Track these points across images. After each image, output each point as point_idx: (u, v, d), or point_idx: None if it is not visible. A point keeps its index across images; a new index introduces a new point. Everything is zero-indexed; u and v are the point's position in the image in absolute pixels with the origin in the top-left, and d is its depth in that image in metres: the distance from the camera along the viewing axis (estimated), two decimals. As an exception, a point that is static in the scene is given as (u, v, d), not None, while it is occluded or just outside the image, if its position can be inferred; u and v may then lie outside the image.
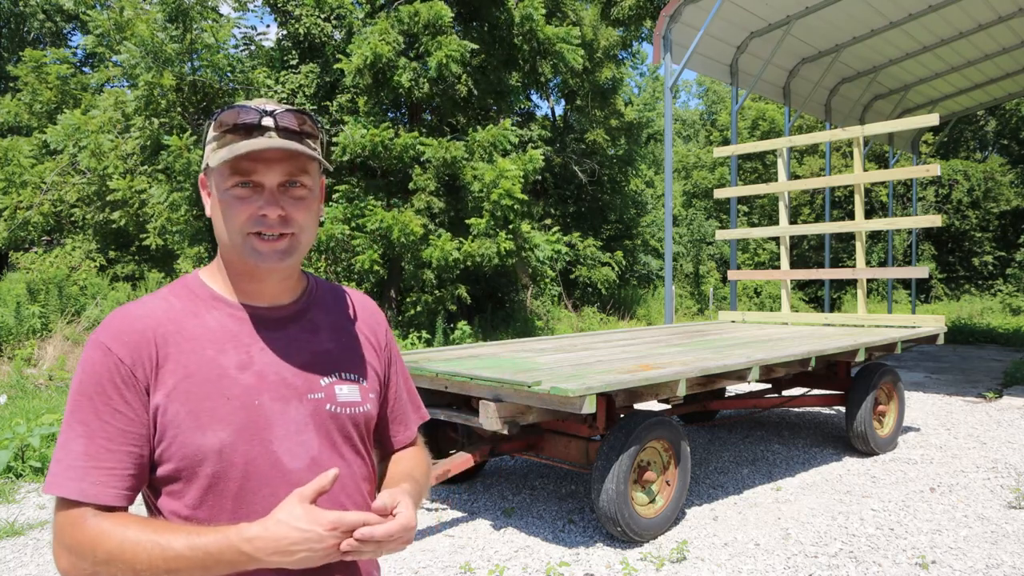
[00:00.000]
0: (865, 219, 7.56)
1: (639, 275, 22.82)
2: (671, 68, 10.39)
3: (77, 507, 1.03)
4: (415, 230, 11.09)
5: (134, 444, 1.06)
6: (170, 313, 1.13)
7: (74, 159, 13.64)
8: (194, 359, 1.10)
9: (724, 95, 32.96)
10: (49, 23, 24.41)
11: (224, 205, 1.13)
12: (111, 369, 1.06)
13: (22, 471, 5.43)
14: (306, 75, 12.85)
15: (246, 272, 1.17)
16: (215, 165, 1.11)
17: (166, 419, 1.07)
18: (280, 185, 1.12)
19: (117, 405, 1.05)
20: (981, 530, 4.26)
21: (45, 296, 10.34)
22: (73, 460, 1.04)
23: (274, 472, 1.11)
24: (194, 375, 1.09)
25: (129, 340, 1.08)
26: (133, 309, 1.13)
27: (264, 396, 1.12)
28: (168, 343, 1.09)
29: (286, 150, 1.09)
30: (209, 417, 1.08)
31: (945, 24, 12.70)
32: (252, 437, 1.10)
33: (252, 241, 1.12)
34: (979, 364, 11.59)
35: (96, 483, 1.03)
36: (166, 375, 1.08)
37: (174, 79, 11.84)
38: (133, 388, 1.06)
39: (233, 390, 1.10)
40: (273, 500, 1.07)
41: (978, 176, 25.82)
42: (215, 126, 1.15)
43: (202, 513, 1.09)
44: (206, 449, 1.07)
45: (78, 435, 1.05)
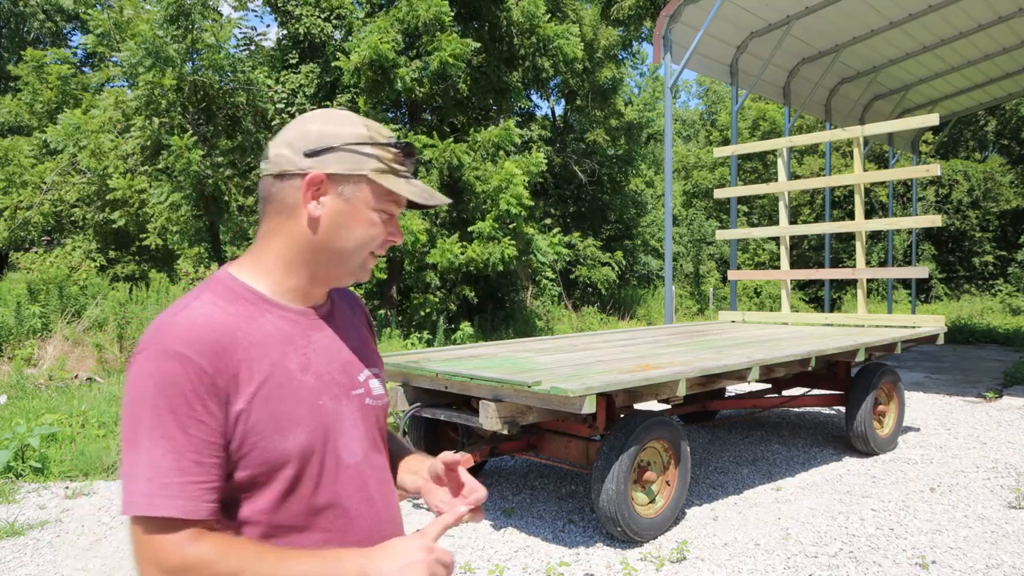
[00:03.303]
0: (865, 219, 7.56)
1: (639, 275, 22.82)
2: (671, 68, 10.39)
3: (177, 527, 0.99)
4: (419, 236, 11.10)
5: (218, 455, 1.04)
6: (230, 318, 1.10)
7: (74, 159, 13.64)
8: (264, 364, 1.09)
9: (724, 95, 32.95)
10: (49, 23, 24.41)
11: (372, 224, 1.17)
12: (192, 379, 1.02)
13: (22, 471, 5.43)
14: (306, 75, 12.85)
15: (329, 279, 1.20)
16: (393, 189, 1.15)
17: (248, 426, 1.06)
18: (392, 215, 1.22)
19: (201, 416, 1.02)
20: (981, 530, 4.26)
21: (45, 296, 10.34)
22: (165, 477, 0.99)
23: (338, 469, 1.15)
24: (268, 380, 1.08)
25: (206, 348, 1.04)
26: (195, 315, 1.08)
27: (324, 397, 1.15)
28: (238, 349, 1.07)
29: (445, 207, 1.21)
30: (288, 421, 1.09)
31: (945, 24, 12.70)
32: (322, 437, 1.13)
33: (368, 259, 1.20)
34: (979, 364, 11.59)
35: (193, 499, 1.00)
36: (244, 382, 1.06)
37: (175, 79, 11.83)
38: (215, 397, 1.03)
39: (301, 393, 1.11)
40: (342, 493, 1.13)
41: (978, 176, 25.82)
42: (386, 148, 1.17)
43: (279, 516, 1.09)
44: (289, 452, 1.08)
45: (165, 451, 1.00)
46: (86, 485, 5.24)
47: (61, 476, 5.45)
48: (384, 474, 1.25)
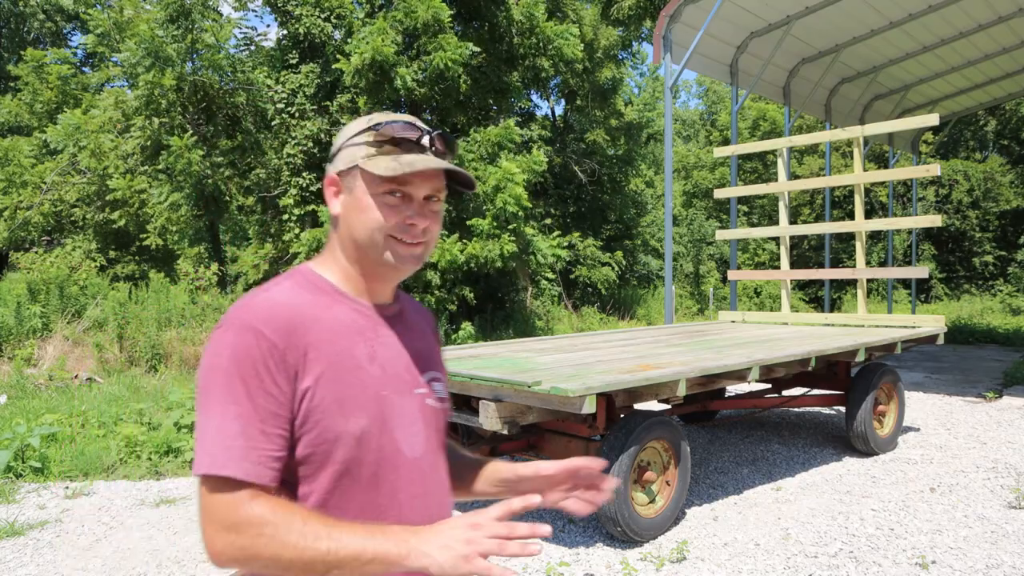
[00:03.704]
0: (865, 219, 7.56)
1: (639, 275, 22.82)
2: (671, 68, 10.39)
3: (237, 487, 1.04)
4: None
5: (283, 427, 1.09)
6: (305, 303, 1.17)
7: (74, 159, 13.64)
8: (333, 348, 1.15)
9: (724, 95, 32.96)
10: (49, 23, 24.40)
11: (371, 209, 1.19)
12: (265, 352, 1.08)
13: (22, 471, 5.43)
14: (306, 75, 12.85)
15: (374, 272, 1.23)
16: (380, 173, 1.17)
17: (312, 404, 1.11)
18: (424, 198, 1.21)
19: (270, 388, 1.08)
20: (981, 530, 4.26)
21: (45, 296, 10.34)
22: (231, 441, 1.05)
23: (398, 460, 1.18)
24: (336, 364, 1.14)
25: (280, 325, 1.11)
26: (274, 296, 1.16)
27: (388, 388, 1.19)
28: (309, 331, 1.13)
29: (448, 170, 1.21)
30: (350, 404, 1.14)
31: (945, 24, 12.70)
32: (382, 426, 1.17)
33: (392, 244, 1.19)
34: (979, 364, 11.59)
35: (256, 463, 1.05)
36: (313, 361, 1.12)
37: (175, 79, 11.83)
38: (284, 372, 1.09)
39: (366, 380, 1.17)
40: (399, 484, 1.17)
41: (978, 176, 25.82)
42: (373, 134, 1.20)
43: (334, 498, 1.13)
44: (347, 434, 1.12)
45: (233, 416, 1.06)
46: (86, 485, 5.25)
47: (61, 476, 5.45)
48: (441, 475, 1.29)
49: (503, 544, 1.02)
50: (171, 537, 4.29)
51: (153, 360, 9.63)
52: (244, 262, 15.33)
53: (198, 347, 9.95)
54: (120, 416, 6.60)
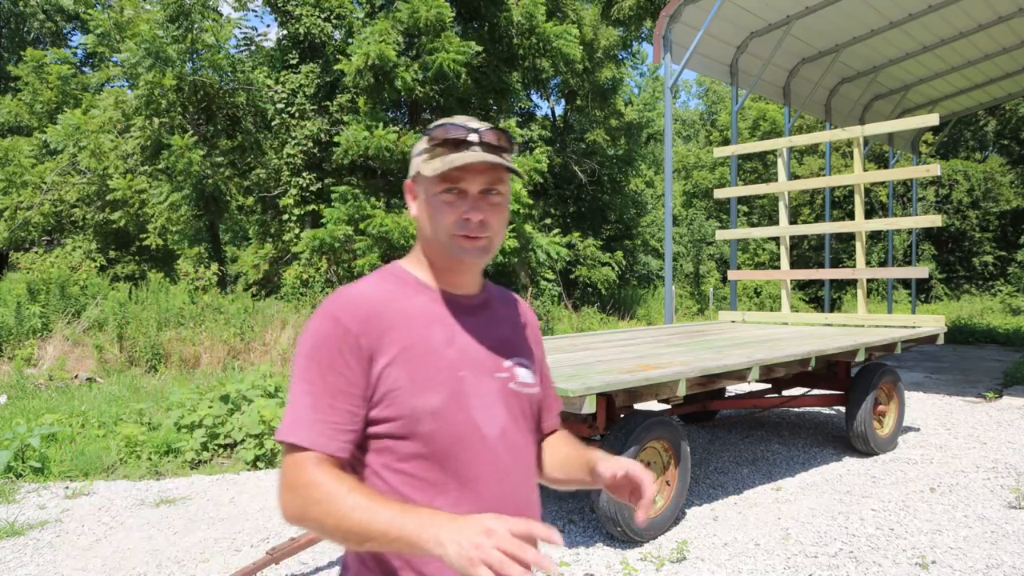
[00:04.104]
0: (865, 219, 7.55)
1: (639, 275, 22.82)
2: (671, 68, 10.39)
3: (302, 453, 1.18)
4: (415, 232, 11.10)
5: (353, 404, 1.21)
6: (385, 294, 1.29)
7: (74, 159, 13.64)
8: (409, 333, 1.25)
9: (724, 95, 32.95)
10: (49, 23, 24.40)
11: (433, 208, 1.29)
12: (339, 337, 1.21)
13: (22, 471, 5.43)
14: (306, 75, 12.85)
15: (447, 266, 1.33)
16: (429, 174, 1.27)
17: (388, 383, 1.22)
18: (481, 192, 1.29)
19: (341, 368, 1.20)
20: (981, 530, 4.26)
21: (45, 296, 10.34)
22: (301, 413, 1.19)
23: (475, 437, 1.26)
24: (411, 347, 1.24)
25: (357, 313, 1.23)
26: (356, 288, 1.30)
27: (465, 370, 1.28)
28: (387, 318, 1.25)
29: (489, 163, 1.27)
30: (425, 383, 1.23)
31: (945, 24, 12.70)
32: (458, 404, 1.25)
33: (456, 240, 1.28)
34: (979, 364, 11.59)
35: (321, 434, 1.18)
36: (388, 345, 1.23)
37: (175, 79, 11.83)
38: (356, 355, 1.21)
39: (441, 362, 1.26)
40: (474, 461, 1.25)
41: (978, 176, 25.82)
42: (427, 140, 1.31)
43: (411, 467, 1.23)
44: (422, 411, 1.22)
45: (306, 392, 1.20)
46: (86, 485, 5.25)
47: (61, 476, 5.45)
48: (524, 456, 1.35)
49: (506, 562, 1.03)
50: (171, 537, 4.29)
51: (153, 360, 9.63)
52: (244, 262, 15.34)
53: (198, 347, 9.95)
54: (120, 416, 6.60)
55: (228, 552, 4.05)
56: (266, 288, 13.95)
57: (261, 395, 6.67)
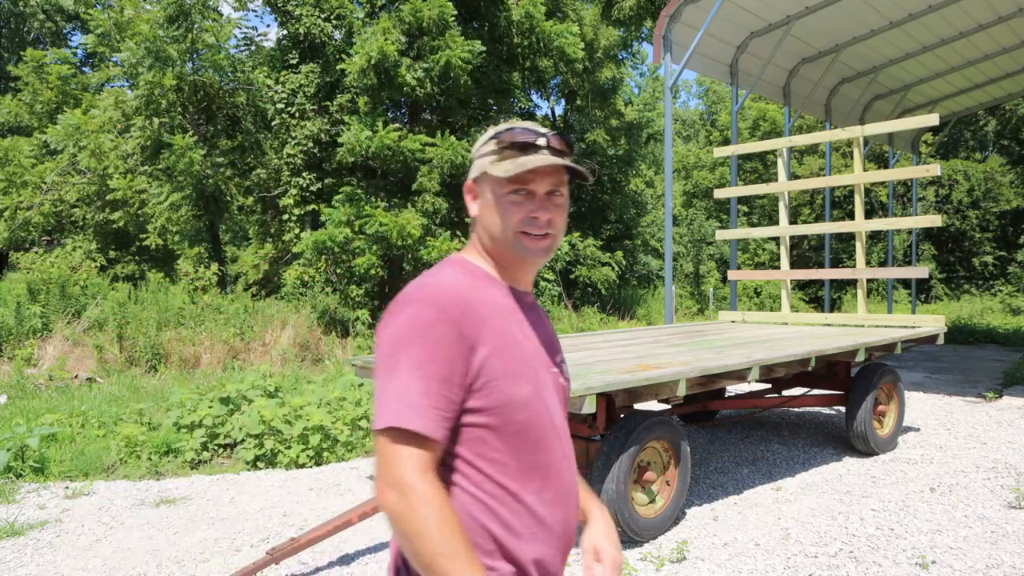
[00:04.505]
0: (865, 219, 7.55)
1: (639, 275, 22.81)
2: (671, 68, 10.39)
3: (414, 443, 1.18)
4: (412, 232, 11.10)
5: (454, 392, 1.22)
6: (470, 286, 1.32)
7: (74, 159, 13.64)
8: (498, 324, 1.29)
9: (724, 95, 32.95)
10: (49, 23, 24.40)
11: (501, 208, 1.34)
12: (444, 325, 1.22)
13: (22, 471, 5.43)
14: (306, 75, 12.85)
15: (511, 263, 1.38)
16: (500, 175, 1.32)
17: (488, 373, 1.25)
18: (546, 193, 1.34)
19: (446, 356, 1.21)
20: (981, 530, 4.26)
21: (45, 296, 10.34)
22: (414, 398, 1.19)
23: (551, 426, 1.33)
24: (502, 338, 1.28)
25: (457, 302, 1.25)
26: (448, 278, 1.31)
27: (537, 363, 1.34)
28: (480, 309, 1.28)
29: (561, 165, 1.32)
30: (517, 374, 1.28)
31: (945, 24, 12.70)
32: (539, 395, 1.31)
33: (521, 239, 1.33)
34: (979, 364, 11.59)
35: (432, 420, 1.19)
36: (486, 335, 1.26)
37: (175, 79, 11.82)
38: (459, 344, 1.23)
39: (524, 354, 1.31)
40: (552, 447, 1.32)
41: (978, 176, 25.82)
42: (495, 143, 1.36)
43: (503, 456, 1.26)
44: (518, 400, 1.27)
45: (415, 378, 1.20)
46: (86, 485, 5.25)
47: (61, 476, 5.45)
48: (572, 447, 1.42)
49: None
50: (171, 537, 4.29)
51: (153, 360, 9.63)
52: (244, 262, 15.33)
53: (198, 347, 9.95)
54: (120, 416, 6.60)
55: (228, 552, 4.05)
56: (266, 288, 13.95)
57: (261, 395, 6.67)
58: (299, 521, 4.54)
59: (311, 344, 10.79)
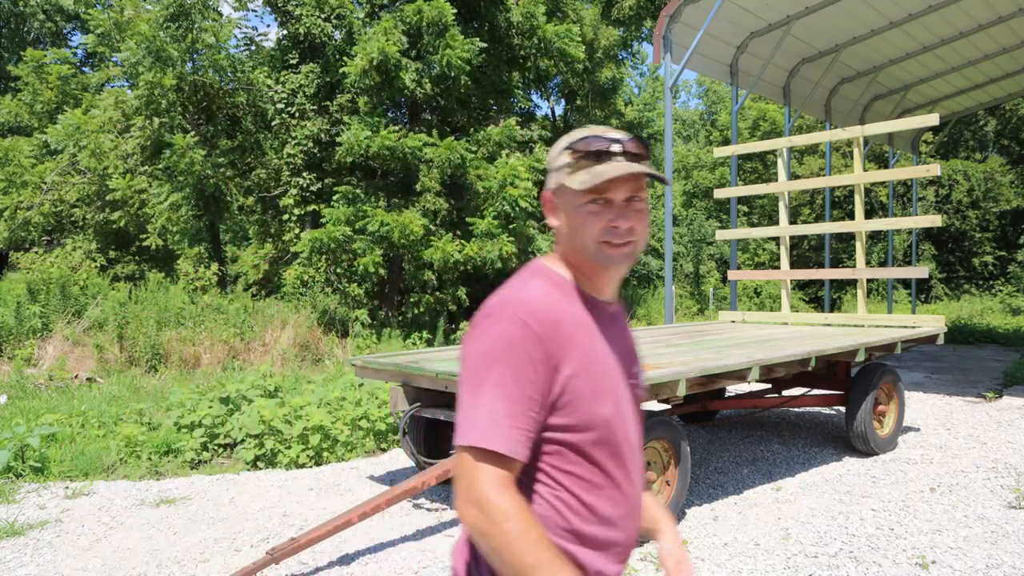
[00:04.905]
0: (865, 219, 7.55)
1: (639, 275, 22.81)
2: (671, 68, 10.39)
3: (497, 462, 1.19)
4: (415, 231, 11.10)
5: (538, 411, 1.23)
6: (557, 300, 1.30)
7: (74, 159, 13.64)
8: (583, 340, 1.29)
9: (724, 95, 32.95)
10: (49, 23, 24.40)
11: (580, 219, 1.32)
12: (531, 343, 1.22)
13: (22, 471, 5.43)
14: (306, 75, 12.85)
15: (594, 273, 1.36)
16: (576, 187, 1.30)
17: (572, 391, 1.25)
18: (625, 200, 1.32)
19: (531, 376, 1.21)
20: (981, 530, 4.26)
21: (45, 296, 10.34)
22: (499, 419, 1.19)
23: (627, 441, 1.34)
24: (586, 355, 1.28)
25: (543, 319, 1.24)
26: (535, 293, 1.29)
27: (618, 378, 1.34)
28: (566, 324, 1.27)
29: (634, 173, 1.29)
30: (600, 391, 1.28)
31: (945, 24, 12.70)
32: (619, 411, 1.32)
33: (603, 248, 1.31)
34: (979, 364, 11.59)
35: (516, 441, 1.19)
36: (570, 352, 1.25)
37: (175, 79, 11.82)
38: (545, 362, 1.22)
39: (608, 371, 1.32)
40: (629, 463, 1.34)
41: (978, 176, 25.82)
42: (570, 154, 1.34)
43: (580, 470, 1.28)
44: (600, 418, 1.28)
45: (500, 398, 1.20)
46: (86, 485, 5.25)
47: (61, 476, 5.45)
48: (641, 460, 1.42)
49: None
50: (171, 537, 4.29)
51: (153, 360, 9.63)
52: (244, 262, 15.34)
53: (198, 347, 9.95)
54: (120, 416, 6.60)
55: (228, 552, 4.05)
56: (266, 288, 13.95)
57: (261, 395, 6.67)
58: (299, 521, 4.54)
59: (311, 344, 10.80)
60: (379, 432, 6.39)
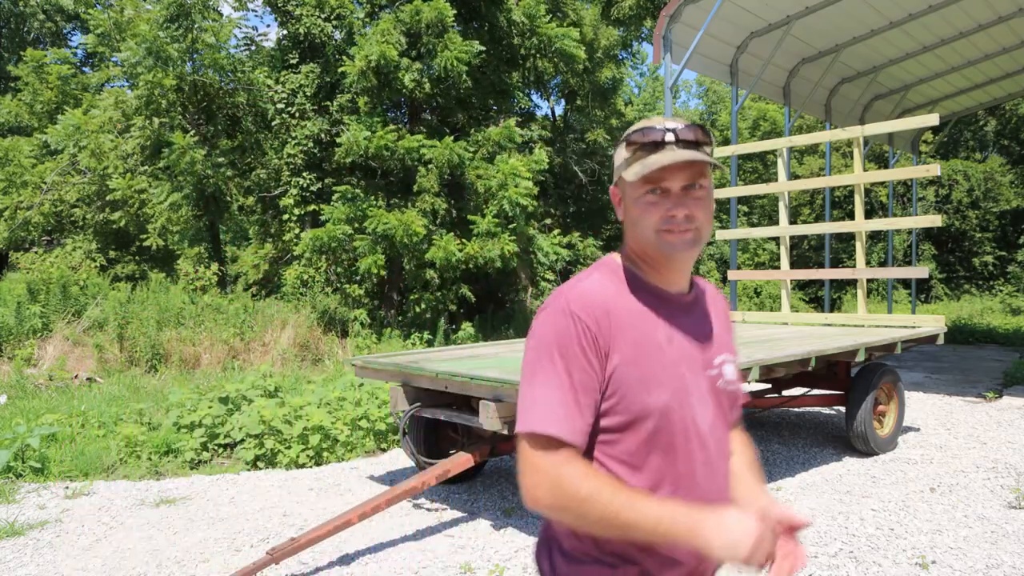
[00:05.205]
0: (865, 219, 7.55)
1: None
2: (671, 68, 10.39)
3: (557, 446, 1.25)
4: (418, 231, 11.10)
5: (592, 399, 1.29)
6: (613, 292, 1.35)
7: (74, 159, 13.63)
8: (636, 331, 1.32)
9: (724, 95, 32.96)
10: (49, 23, 24.40)
11: (640, 210, 1.35)
12: (580, 334, 1.28)
13: (22, 471, 5.43)
14: (306, 75, 12.85)
15: (659, 263, 1.38)
16: (631, 179, 1.33)
17: (620, 380, 1.29)
18: (683, 188, 1.33)
19: (583, 364, 1.28)
20: (981, 530, 4.26)
21: (45, 296, 10.34)
22: (556, 406, 1.26)
23: (692, 430, 1.34)
24: (639, 345, 1.31)
25: (593, 311, 1.30)
26: (586, 286, 1.34)
27: (683, 367, 1.35)
28: (617, 317, 1.31)
29: (685, 160, 1.30)
30: (653, 381, 1.31)
31: (945, 24, 12.69)
32: (679, 401, 1.33)
33: (663, 236, 1.33)
34: (979, 364, 11.59)
35: (574, 428, 1.26)
36: (620, 343, 1.30)
37: (175, 79, 11.82)
38: (595, 351, 1.28)
39: (665, 360, 1.33)
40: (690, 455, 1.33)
41: (978, 176, 25.80)
42: (626, 146, 1.37)
43: (633, 458, 1.31)
44: (651, 408, 1.30)
45: (555, 387, 1.27)
46: (86, 485, 5.25)
47: (61, 476, 5.45)
48: (725, 449, 1.42)
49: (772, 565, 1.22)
50: (171, 537, 4.29)
51: (153, 360, 9.63)
52: (244, 262, 15.34)
53: (198, 347, 9.95)
54: (120, 416, 6.60)
55: (228, 552, 4.05)
56: (266, 288, 13.95)
57: (261, 395, 6.67)
58: (299, 521, 4.54)
59: (311, 344, 10.80)
60: (379, 432, 6.39)
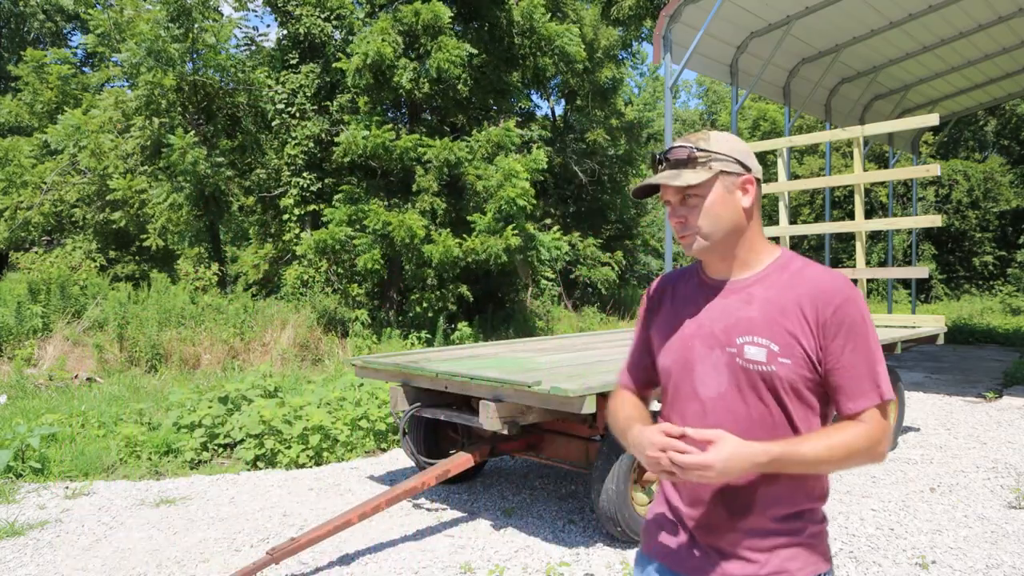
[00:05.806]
0: (865, 219, 7.55)
1: (639, 275, 22.81)
2: (671, 68, 10.39)
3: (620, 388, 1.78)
4: (418, 231, 11.10)
5: (645, 354, 1.73)
6: (674, 277, 1.72)
7: (74, 159, 13.64)
8: (670, 308, 1.67)
9: (724, 95, 32.95)
10: (49, 23, 24.40)
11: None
12: (644, 306, 1.75)
13: (22, 471, 5.43)
14: (306, 75, 12.85)
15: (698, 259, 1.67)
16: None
17: (652, 344, 1.70)
18: (680, 199, 1.57)
19: (641, 328, 1.75)
20: (981, 530, 4.26)
21: (46, 296, 10.34)
22: (625, 360, 1.79)
23: (691, 394, 1.59)
24: (668, 318, 1.66)
25: (653, 290, 1.74)
26: (667, 273, 1.76)
27: (696, 341, 1.59)
28: (664, 295, 1.71)
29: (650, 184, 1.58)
30: (668, 348, 1.63)
31: (945, 24, 12.69)
32: (684, 367, 1.59)
33: (684, 239, 1.59)
34: (979, 364, 11.59)
35: (629, 376, 1.78)
36: (657, 316, 1.70)
37: (175, 79, 11.83)
38: (646, 319, 1.73)
39: (682, 332, 1.61)
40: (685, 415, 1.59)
41: (978, 176, 25.80)
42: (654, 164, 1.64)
43: (663, 408, 1.67)
44: (663, 368, 1.64)
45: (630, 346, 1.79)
46: (86, 485, 5.25)
47: (61, 476, 5.46)
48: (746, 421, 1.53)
49: None
50: (171, 537, 4.29)
51: (153, 360, 9.63)
52: (244, 262, 15.34)
53: (198, 347, 9.95)
54: (120, 416, 6.61)
55: (228, 552, 4.05)
56: (266, 288, 13.95)
57: (261, 395, 6.67)
58: (299, 521, 4.54)
59: (311, 344, 10.80)
60: (379, 432, 6.39)
